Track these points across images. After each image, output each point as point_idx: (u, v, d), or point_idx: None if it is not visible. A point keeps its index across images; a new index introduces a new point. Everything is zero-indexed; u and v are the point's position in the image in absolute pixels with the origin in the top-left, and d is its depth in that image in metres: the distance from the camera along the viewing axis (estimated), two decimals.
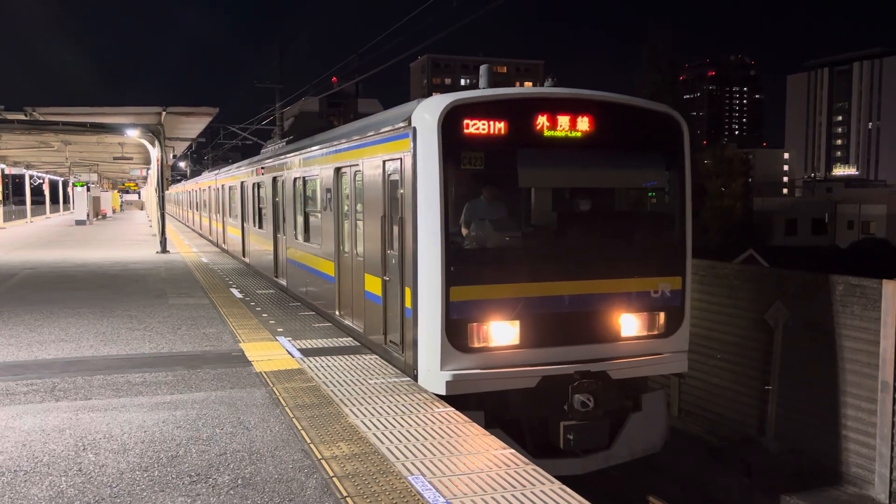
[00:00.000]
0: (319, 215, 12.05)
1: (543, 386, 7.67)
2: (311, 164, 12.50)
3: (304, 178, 13.19)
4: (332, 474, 5.47)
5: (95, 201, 57.71)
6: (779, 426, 9.91)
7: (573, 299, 7.91)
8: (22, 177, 56.20)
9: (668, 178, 8.57)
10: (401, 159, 8.09)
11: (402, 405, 7.18)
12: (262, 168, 17.44)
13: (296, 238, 13.83)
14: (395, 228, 8.33)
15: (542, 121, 7.81)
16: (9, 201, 60.06)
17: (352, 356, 9.28)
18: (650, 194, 9.34)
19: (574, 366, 7.75)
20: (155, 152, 26.25)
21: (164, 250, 24.98)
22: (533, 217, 9.25)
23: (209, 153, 78.10)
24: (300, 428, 6.53)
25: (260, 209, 18.16)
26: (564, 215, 8.93)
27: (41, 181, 66.65)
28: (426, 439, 6.21)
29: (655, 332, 8.27)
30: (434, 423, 6.66)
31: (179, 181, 68.73)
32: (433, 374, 7.59)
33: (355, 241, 10.15)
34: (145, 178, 62.65)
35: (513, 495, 5.06)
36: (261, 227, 18.07)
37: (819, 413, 9.44)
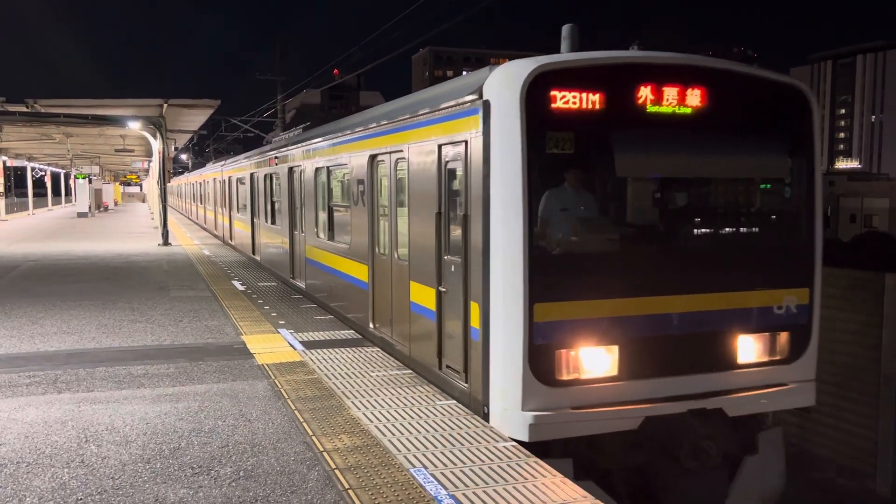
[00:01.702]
0: (348, 211, 10.55)
1: (648, 428, 6.24)
2: (337, 152, 11.03)
3: (328, 167, 11.70)
4: (333, 467, 5.48)
5: (97, 193, 57.72)
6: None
7: (683, 318, 6.45)
8: (24, 169, 56.20)
9: (794, 166, 7.07)
10: (466, 142, 6.65)
11: (405, 398, 7.18)
12: (277, 158, 15.93)
13: (317, 236, 12.44)
14: (456, 228, 7.02)
15: (645, 93, 6.29)
16: (11, 193, 60.07)
17: (354, 349, 9.28)
18: (764, 186, 7.45)
19: (685, 403, 6.36)
20: (156, 144, 26.25)
21: (165, 243, 25.01)
22: (631, 215, 7.18)
23: (211, 145, 78.06)
24: (302, 420, 6.54)
25: (273, 203, 16.75)
26: (670, 213, 7.03)
27: (43, 173, 66.67)
28: (428, 432, 6.21)
29: (778, 357, 6.80)
30: (436, 415, 6.66)
31: (181, 173, 68.70)
32: (511, 414, 6.08)
33: (395, 242, 8.75)
34: (147, 171, 62.59)
35: (514, 487, 5.06)
36: (274, 222, 16.61)
37: None
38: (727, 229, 7.13)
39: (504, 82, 6.14)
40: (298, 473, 5.41)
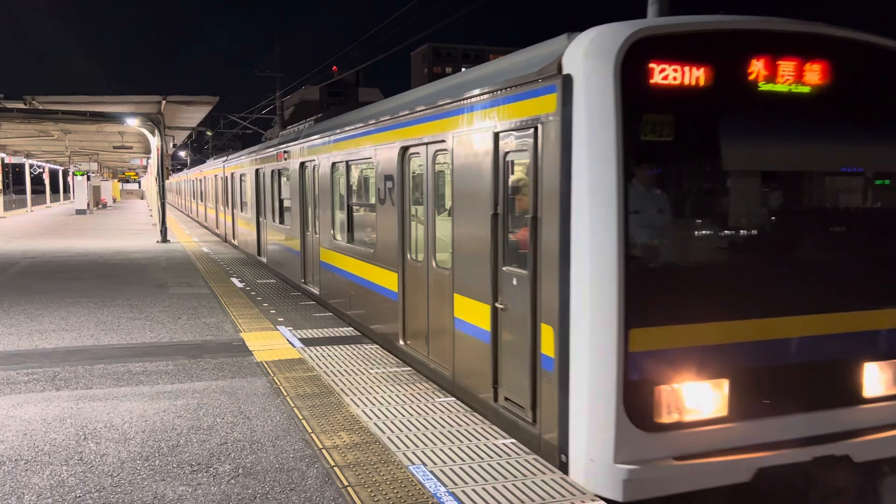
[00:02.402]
0: (372, 210, 9.52)
1: (762, 480, 5.08)
2: (359, 144, 9.92)
3: (347, 162, 10.60)
4: (333, 464, 5.47)
5: (95, 191, 57.72)
6: None
7: (804, 344, 5.31)
8: (22, 166, 56.16)
9: None
10: (535, 128, 5.49)
11: (404, 395, 7.18)
12: (286, 152, 14.81)
13: (334, 238, 11.38)
14: (519, 233, 5.98)
15: (757, 68, 5.15)
16: (9, 190, 60.03)
17: (352, 346, 9.27)
18: (881, 182, 6.09)
19: (808, 449, 5.18)
20: (155, 141, 26.21)
21: (164, 240, 25.00)
22: (742, 219, 5.64)
23: (210, 142, 78.01)
24: (301, 417, 6.53)
25: (281, 201, 15.68)
26: (787, 216, 5.76)
27: (41, 170, 66.61)
28: (427, 429, 6.20)
29: None
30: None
31: (180, 170, 68.63)
32: (599, 467, 4.94)
33: (433, 247, 7.72)
34: (145, 168, 62.54)
35: (514, 484, 5.06)
36: (282, 221, 15.60)
37: None
38: (855, 236, 5.90)
39: (593, 52, 4.94)
40: (297, 471, 5.40)
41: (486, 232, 6.32)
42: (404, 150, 8.29)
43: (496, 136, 6.13)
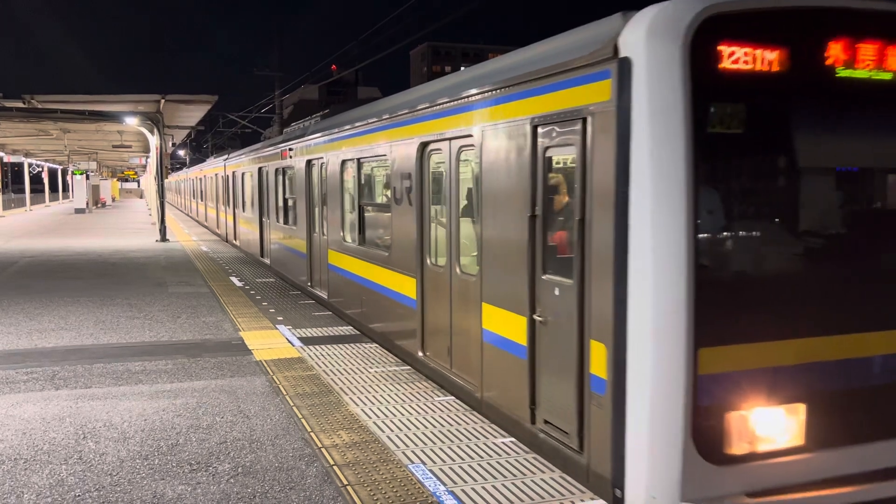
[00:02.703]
0: (387, 210, 8.97)
1: None
2: (372, 141, 9.37)
3: (358, 159, 10.08)
4: (332, 463, 5.47)
5: (94, 190, 57.71)
6: None
7: (888, 362, 4.72)
8: (21, 165, 56.13)
9: None
10: (584, 119, 4.91)
11: (403, 394, 7.18)
12: (291, 150, 14.23)
13: (344, 240, 10.86)
14: (562, 237, 5.46)
15: (835, 52, 4.57)
16: (8, 189, 60.00)
17: (352, 345, 9.27)
18: None
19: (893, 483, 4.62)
20: (154, 140, 26.20)
21: (163, 239, 25.00)
22: (820, 222, 5.03)
23: (209, 141, 77.98)
24: (300, 416, 6.53)
25: (286, 200, 15.12)
26: (866, 217, 5.17)
27: (40, 169, 66.56)
28: (427, 428, 6.20)
29: None
30: (435, 411, 6.66)
31: (179, 169, 68.60)
32: None
33: (456, 251, 7.15)
34: (144, 167, 62.54)
35: (513, 483, 5.06)
36: (286, 222, 15.04)
37: None
38: None
39: (657, 31, 4.36)
40: (297, 469, 5.40)
41: (521, 235, 5.72)
42: (424, 145, 7.73)
43: (534, 128, 5.52)
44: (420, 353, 8.02)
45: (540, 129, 5.47)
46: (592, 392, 4.90)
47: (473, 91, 6.52)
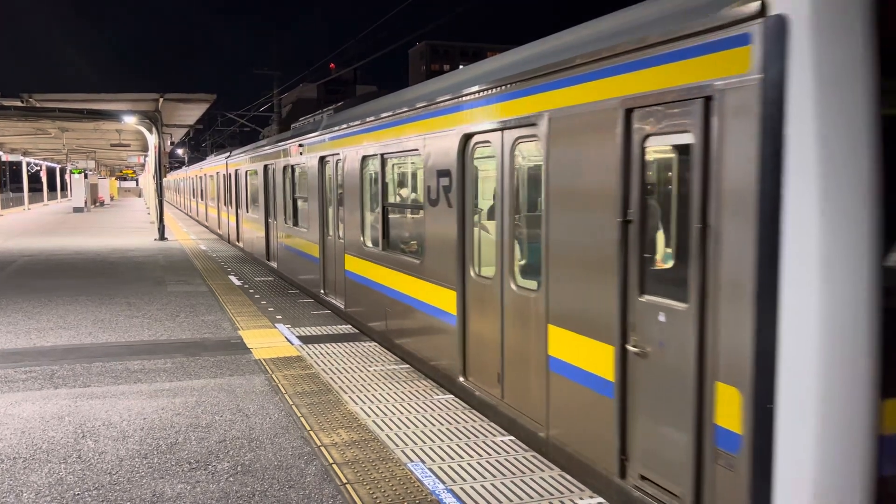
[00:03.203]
0: (419, 213, 8.07)
1: None
2: (400, 134, 8.41)
3: (382, 155, 9.09)
4: (331, 461, 5.47)
5: (93, 188, 57.64)
6: None
7: None
8: (19, 164, 56.08)
9: None
10: (708, 98, 3.87)
11: (402, 392, 7.18)
12: (302, 145, 13.24)
13: (364, 245, 9.95)
14: (667, 249, 4.58)
15: None
16: (6, 188, 59.96)
17: (351, 343, 9.27)
18: None
19: None
20: (152, 139, 26.18)
21: (162, 237, 24.99)
22: None
23: (208, 139, 77.95)
24: (300, 415, 6.53)
25: (295, 200, 14.31)
26: None
27: (38, 168, 66.51)
28: (426, 426, 6.21)
29: None
30: (434, 409, 6.66)
31: (178, 168, 68.56)
32: None
33: (509, 261, 6.17)
34: (143, 166, 62.49)
35: (511, 481, 5.07)
36: (296, 223, 14.16)
37: None
38: None
39: None
40: (296, 468, 5.40)
41: (608, 245, 4.74)
42: (467, 138, 6.78)
43: (627, 112, 4.52)
44: (461, 379, 7.10)
45: (636, 114, 4.47)
46: (718, 448, 3.89)
47: (537, 71, 5.51)
